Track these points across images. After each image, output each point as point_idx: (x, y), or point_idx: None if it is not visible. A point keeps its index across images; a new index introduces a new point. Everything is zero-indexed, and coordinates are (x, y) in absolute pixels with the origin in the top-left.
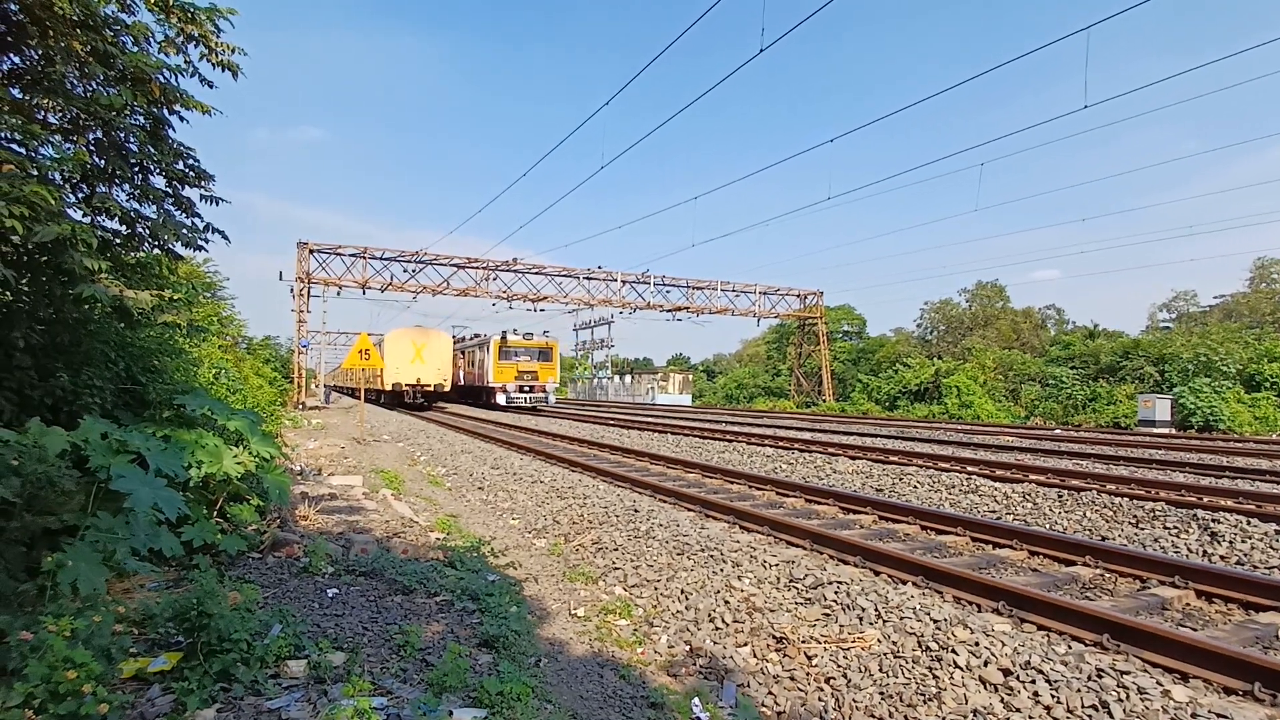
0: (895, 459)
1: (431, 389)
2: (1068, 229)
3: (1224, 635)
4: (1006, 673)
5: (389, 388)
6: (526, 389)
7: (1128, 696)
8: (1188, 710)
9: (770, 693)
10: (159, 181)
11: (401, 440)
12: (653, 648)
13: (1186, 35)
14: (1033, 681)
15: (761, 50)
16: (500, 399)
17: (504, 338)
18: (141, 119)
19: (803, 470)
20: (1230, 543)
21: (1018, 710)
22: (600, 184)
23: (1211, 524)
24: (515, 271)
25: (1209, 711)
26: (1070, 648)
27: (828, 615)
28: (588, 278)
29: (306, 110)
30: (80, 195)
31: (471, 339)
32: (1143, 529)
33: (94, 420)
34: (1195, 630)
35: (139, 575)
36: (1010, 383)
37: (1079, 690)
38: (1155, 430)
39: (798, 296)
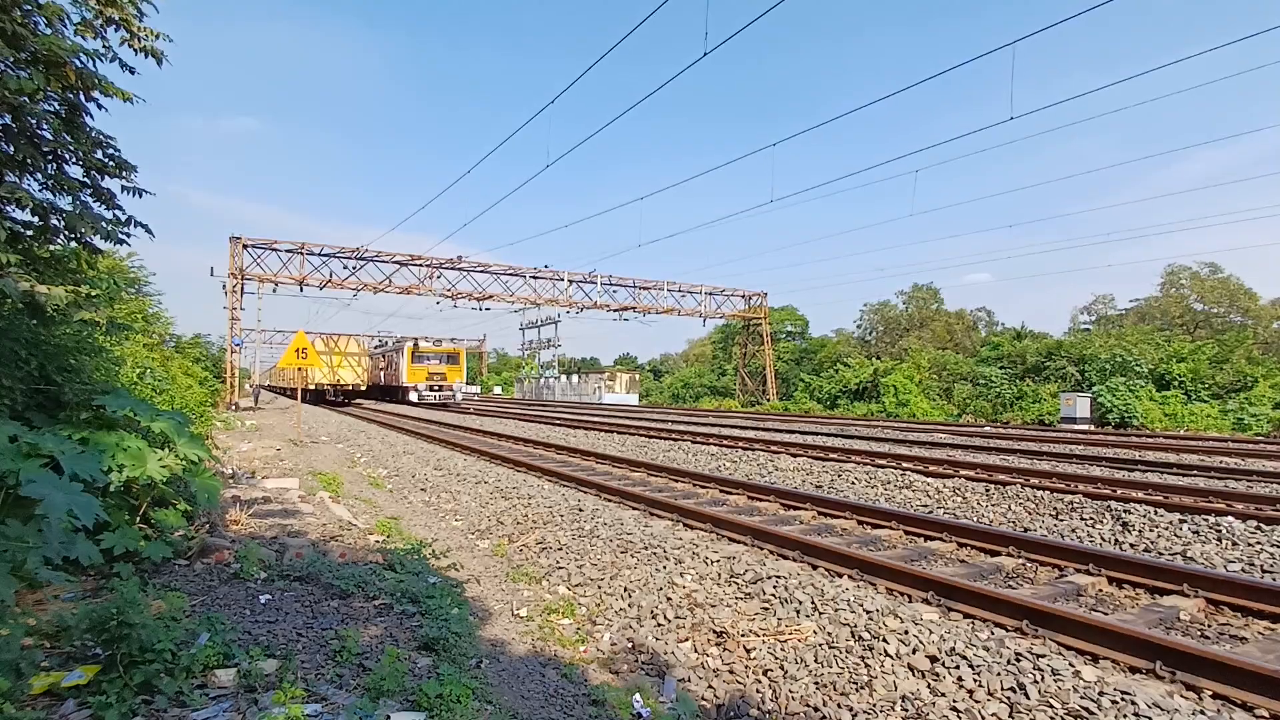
0: (835, 456)
1: (349, 388)
2: (998, 234)
3: (1131, 618)
4: (933, 659)
5: (313, 387)
6: (436, 388)
7: (1043, 678)
8: (1095, 689)
9: (710, 686)
10: (75, 171)
11: (341, 441)
12: (595, 645)
13: (1107, 51)
14: (957, 667)
15: (705, 54)
16: (413, 396)
17: (416, 344)
18: (56, 105)
19: (746, 468)
20: (1140, 532)
21: (943, 694)
22: (547, 185)
23: (1124, 514)
24: (460, 270)
25: (1114, 689)
26: (993, 634)
27: (766, 609)
28: (534, 277)
29: (241, 100)
30: None
31: (390, 345)
32: (1062, 520)
33: (2, 422)
34: (1106, 614)
35: (53, 585)
36: (944, 382)
37: (999, 674)
38: (1076, 427)
39: (743, 297)
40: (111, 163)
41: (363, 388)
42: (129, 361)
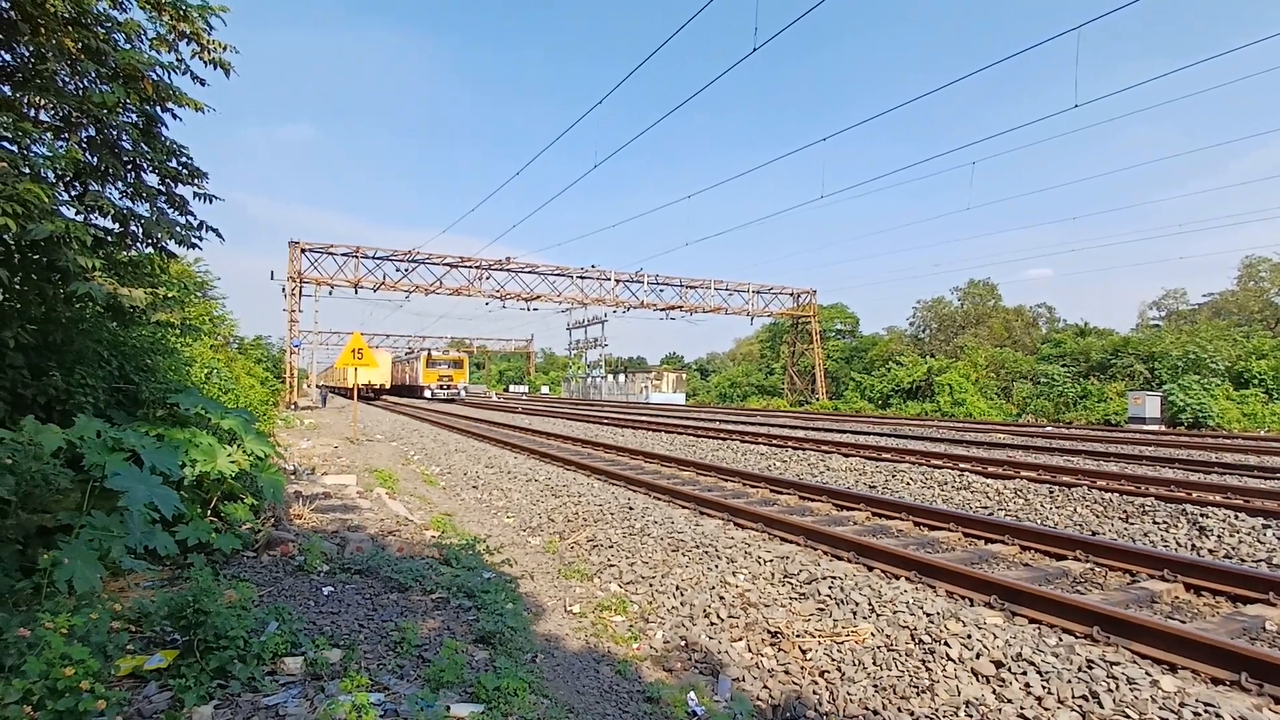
0: (888, 456)
1: (377, 387)
2: (1059, 227)
3: (1212, 627)
4: (998, 665)
5: (349, 386)
6: (444, 387)
7: (1117, 687)
8: (1176, 700)
9: (765, 686)
10: (152, 179)
11: (395, 440)
12: (648, 643)
13: (1175, 36)
14: (1024, 673)
15: (755, 49)
16: (426, 394)
17: (429, 354)
18: (134, 116)
19: (796, 468)
20: (1219, 537)
21: (1009, 701)
22: (595, 184)
23: (1200, 519)
24: (509, 271)
25: (1197, 700)
26: (1061, 640)
27: (822, 610)
28: (581, 277)
29: (297, 108)
30: (73, 193)
31: (414, 354)
32: (1133, 524)
33: (88, 419)
34: (1184, 622)
35: (134, 574)
36: (1002, 380)
37: (1069, 681)
38: (1145, 427)
39: (791, 295)
40: (184, 170)
41: (387, 387)
42: (197, 362)
